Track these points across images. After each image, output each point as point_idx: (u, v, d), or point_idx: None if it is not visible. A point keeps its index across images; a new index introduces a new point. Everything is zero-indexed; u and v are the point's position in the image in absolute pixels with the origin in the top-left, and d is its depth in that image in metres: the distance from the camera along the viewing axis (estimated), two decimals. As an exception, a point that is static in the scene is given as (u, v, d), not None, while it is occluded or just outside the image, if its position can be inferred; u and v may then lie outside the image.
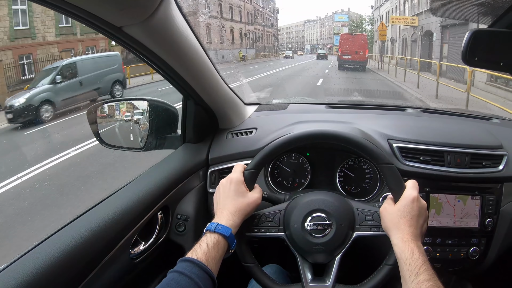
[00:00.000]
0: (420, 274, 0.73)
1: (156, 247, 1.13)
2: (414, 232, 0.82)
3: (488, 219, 1.21)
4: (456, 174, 1.20)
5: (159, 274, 1.24)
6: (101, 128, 1.28)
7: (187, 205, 1.22)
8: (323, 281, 0.90)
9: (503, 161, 1.24)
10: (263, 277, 0.91)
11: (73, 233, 0.86)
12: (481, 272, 1.29)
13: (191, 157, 1.30)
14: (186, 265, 0.75)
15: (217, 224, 0.83)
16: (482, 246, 1.23)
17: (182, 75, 1.08)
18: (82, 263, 0.83)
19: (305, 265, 0.93)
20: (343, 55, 20.42)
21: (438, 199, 1.21)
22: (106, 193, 1.06)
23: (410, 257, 0.76)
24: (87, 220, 0.91)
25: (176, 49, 0.98)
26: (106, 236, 0.91)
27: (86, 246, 0.85)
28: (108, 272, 0.91)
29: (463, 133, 1.37)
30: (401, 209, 0.84)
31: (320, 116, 1.56)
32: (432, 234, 1.21)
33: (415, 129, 1.35)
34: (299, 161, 1.32)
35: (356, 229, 0.91)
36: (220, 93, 1.28)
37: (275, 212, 0.95)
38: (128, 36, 0.87)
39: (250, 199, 0.90)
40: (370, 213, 0.92)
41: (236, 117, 1.43)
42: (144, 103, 1.29)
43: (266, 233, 0.93)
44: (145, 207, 1.05)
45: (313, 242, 0.90)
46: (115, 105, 1.36)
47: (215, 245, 0.80)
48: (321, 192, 1.00)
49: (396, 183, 0.89)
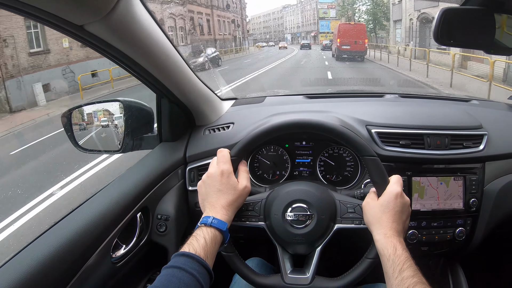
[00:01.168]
0: (404, 270, 0.72)
1: (138, 250, 1.11)
2: (396, 228, 0.80)
3: (472, 199, 1.20)
4: (436, 156, 1.20)
5: (143, 277, 1.22)
6: (76, 132, 1.25)
7: (167, 205, 1.20)
8: (303, 272, 0.89)
9: (484, 140, 1.24)
10: (242, 267, 0.90)
11: (50, 241, 0.83)
12: (470, 253, 1.29)
13: (168, 156, 1.28)
14: (185, 260, 0.71)
15: (213, 218, 0.80)
16: (468, 227, 1.23)
17: (152, 73, 1.06)
18: (61, 271, 0.80)
19: (285, 256, 0.92)
20: (342, 45, 20.04)
21: (420, 183, 1.21)
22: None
23: (393, 253, 0.75)
24: (64, 227, 0.89)
25: (142, 45, 0.95)
26: (84, 242, 0.88)
27: (65, 253, 0.82)
28: (89, 279, 0.89)
29: (442, 115, 1.36)
30: (384, 204, 0.82)
31: (297, 106, 1.55)
32: (417, 217, 1.20)
33: (393, 114, 1.34)
34: (278, 153, 1.31)
35: (337, 221, 0.90)
36: (194, 89, 1.26)
37: (256, 201, 0.93)
38: (91, 34, 0.83)
39: (241, 190, 0.87)
40: (352, 206, 0.91)
41: (212, 113, 1.41)
42: (117, 104, 1.26)
43: (246, 223, 0.91)
44: (124, 209, 1.02)
45: (294, 233, 0.89)
46: (89, 108, 1.32)
47: (213, 240, 0.78)
48: (302, 183, 0.99)
49: (380, 176, 0.87)
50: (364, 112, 1.32)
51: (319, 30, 50.19)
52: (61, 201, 4.36)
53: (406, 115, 1.33)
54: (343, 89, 1.95)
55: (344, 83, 11.28)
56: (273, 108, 1.49)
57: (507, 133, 1.32)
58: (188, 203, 1.27)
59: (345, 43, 19.99)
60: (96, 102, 1.28)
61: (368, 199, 0.87)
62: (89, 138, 1.29)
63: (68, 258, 0.82)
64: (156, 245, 1.18)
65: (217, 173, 0.86)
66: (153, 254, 1.20)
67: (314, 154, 1.30)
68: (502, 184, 1.23)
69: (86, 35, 0.83)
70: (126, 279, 1.09)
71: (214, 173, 0.87)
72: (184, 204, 1.27)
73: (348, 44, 19.90)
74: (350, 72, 14.81)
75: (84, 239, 0.88)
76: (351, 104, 1.59)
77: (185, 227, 1.25)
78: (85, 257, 0.88)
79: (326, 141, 1.27)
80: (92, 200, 1.02)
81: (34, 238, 0.85)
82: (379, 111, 1.38)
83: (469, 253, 1.29)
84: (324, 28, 48.46)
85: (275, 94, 1.87)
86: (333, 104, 1.53)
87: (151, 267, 1.26)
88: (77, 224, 0.89)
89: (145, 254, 1.16)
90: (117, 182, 1.12)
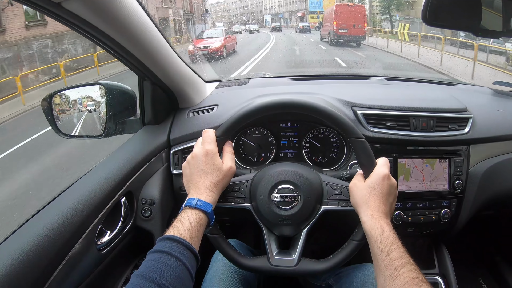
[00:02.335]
0: (391, 251, 0.72)
1: (123, 236, 1.09)
2: (383, 209, 0.80)
3: (457, 181, 1.22)
4: (422, 138, 1.21)
5: (130, 264, 1.21)
6: (57, 118, 1.21)
7: (151, 189, 1.18)
8: (289, 254, 0.89)
9: (469, 123, 1.25)
10: (228, 249, 0.89)
11: (33, 230, 0.80)
12: (455, 234, 1.32)
13: (151, 139, 1.25)
14: (170, 244, 0.70)
15: (198, 200, 0.78)
16: (453, 208, 1.25)
17: (134, 53, 1.02)
18: (46, 260, 0.78)
19: (271, 237, 0.91)
20: (339, 29, 18.06)
21: (406, 165, 1.21)
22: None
23: (380, 235, 0.75)
24: (47, 215, 0.86)
25: (123, 24, 0.91)
26: (69, 229, 0.85)
27: (49, 241, 0.80)
28: (75, 267, 0.87)
29: (428, 98, 1.37)
30: (371, 186, 0.82)
31: (282, 88, 1.53)
32: (403, 199, 1.21)
33: (379, 95, 1.34)
34: (263, 134, 1.30)
35: (324, 203, 0.90)
36: (177, 71, 1.22)
37: (242, 182, 0.92)
38: (68, 12, 0.79)
39: (226, 171, 0.85)
40: (339, 188, 0.90)
41: (196, 95, 1.38)
42: (98, 87, 1.22)
43: (232, 204, 0.90)
44: (107, 194, 1.00)
45: (280, 214, 0.88)
46: (71, 92, 1.28)
47: (198, 223, 0.76)
48: (289, 164, 0.98)
49: (367, 158, 0.86)
50: (350, 94, 1.31)
51: (308, 10, 43.26)
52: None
53: (392, 97, 1.33)
54: (329, 71, 1.93)
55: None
56: (257, 90, 1.47)
57: (492, 117, 1.33)
58: (173, 187, 1.25)
59: (343, 27, 18.12)
60: (77, 86, 1.24)
61: (355, 180, 0.87)
62: (70, 123, 1.25)
63: (52, 246, 0.80)
64: (141, 231, 1.16)
65: (202, 154, 0.84)
66: (138, 239, 1.19)
67: (300, 136, 1.29)
68: (487, 167, 1.25)
69: (63, 13, 0.79)
70: (112, 266, 1.07)
71: (199, 154, 0.85)
72: (169, 188, 1.25)
73: (346, 28, 18.07)
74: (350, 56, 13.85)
75: (69, 226, 0.85)
76: (336, 85, 1.58)
77: (170, 211, 1.24)
78: (70, 244, 0.85)
79: (311, 122, 1.27)
80: (75, 186, 0.99)
81: (17, 227, 0.82)
82: (365, 93, 1.38)
83: (454, 234, 1.32)
84: (315, 6, 42.14)
85: (260, 76, 1.84)
86: (319, 86, 1.51)
87: (137, 253, 1.25)
88: (60, 212, 0.87)
89: (130, 240, 1.14)
90: (100, 167, 1.09)
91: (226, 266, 1.02)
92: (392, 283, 0.68)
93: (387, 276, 0.70)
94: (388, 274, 0.70)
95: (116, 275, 1.15)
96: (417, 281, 0.66)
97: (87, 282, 0.94)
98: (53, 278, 0.79)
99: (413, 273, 0.68)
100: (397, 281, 0.68)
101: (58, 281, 0.81)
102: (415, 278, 0.67)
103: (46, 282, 0.78)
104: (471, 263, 1.72)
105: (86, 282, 0.93)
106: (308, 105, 0.91)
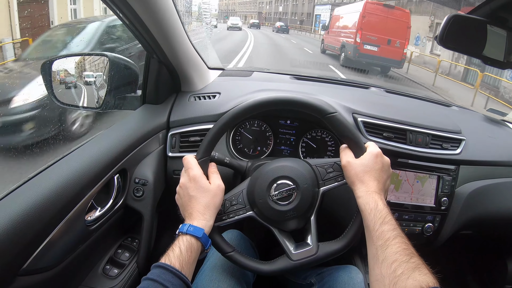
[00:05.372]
0: (384, 223, 0.74)
1: (112, 213, 1.07)
2: (378, 186, 0.83)
3: (443, 198, 1.26)
4: (416, 152, 1.24)
5: (115, 243, 1.19)
6: (56, 84, 1.17)
7: (145, 169, 1.16)
8: (306, 244, 0.89)
9: (461, 145, 1.30)
10: (246, 262, 0.88)
11: (22, 199, 0.77)
12: (435, 248, 1.35)
13: (151, 118, 1.23)
14: (159, 271, 0.72)
15: (189, 225, 0.80)
16: (437, 223, 1.29)
17: (149, 27, 1.00)
18: (33, 231, 0.76)
19: (283, 235, 0.90)
20: (366, 43, 11.04)
21: (398, 176, 1.25)
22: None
23: (374, 208, 0.77)
24: (38, 184, 0.82)
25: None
26: (60, 201, 0.82)
27: (38, 212, 0.77)
28: (61, 240, 0.84)
29: (426, 114, 1.40)
30: (365, 163, 0.84)
31: (284, 85, 1.53)
32: (390, 208, 1.24)
33: (379, 106, 1.36)
34: (261, 128, 1.30)
35: (320, 185, 0.90)
36: (185, 52, 1.21)
37: (237, 193, 0.91)
38: None
39: (215, 190, 0.85)
40: (330, 165, 0.91)
41: (199, 80, 1.37)
42: (104, 59, 1.18)
43: (235, 217, 0.89)
44: (102, 169, 0.98)
45: (284, 210, 0.88)
46: (74, 59, 1.23)
47: (188, 248, 0.77)
48: (275, 160, 0.97)
49: (347, 129, 0.88)
50: (351, 100, 1.32)
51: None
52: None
53: (392, 109, 1.35)
54: (330, 75, 1.94)
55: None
56: (259, 83, 1.47)
57: (483, 142, 1.38)
58: (167, 170, 1.24)
59: (372, 41, 11.01)
60: (82, 54, 1.20)
61: (347, 158, 0.88)
62: (68, 93, 1.21)
63: (41, 218, 0.78)
64: (131, 210, 1.14)
65: (187, 180, 0.86)
66: (126, 219, 1.17)
67: (297, 135, 1.30)
68: (473, 189, 1.29)
69: None
70: (97, 243, 1.04)
71: (185, 181, 0.86)
72: (163, 170, 1.23)
73: (376, 44, 11.01)
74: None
75: (60, 198, 0.82)
76: (337, 90, 1.59)
77: (161, 194, 1.22)
78: (59, 217, 0.83)
79: (310, 123, 1.28)
80: (69, 157, 0.96)
81: (5, 194, 0.79)
82: (366, 101, 1.40)
83: (434, 249, 1.36)
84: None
85: (263, 70, 1.84)
86: (319, 88, 1.52)
87: (123, 232, 1.23)
88: (52, 182, 0.84)
89: (118, 218, 1.12)
90: (97, 140, 1.07)
91: (222, 259, 1.02)
92: (383, 252, 0.70)
93: (379, 246, 0.72)
94: (380, 244, 0.72)
95: (101, 252, 1.13)
96: (408, 253, 0.69)
97: (73, 257, 0.92)
98: (39, 250, 0.78)
99: (404, 245, 0.71)
100: (389, 250, 0.70)
101: (43, 254, 0.79)
102: (406, 250, 0.70)
103: (33, 253, 0.77)
104: (442, 279, 1.78)
105: (72, 256, 0.91)
106: (278, 100, 0.91)
